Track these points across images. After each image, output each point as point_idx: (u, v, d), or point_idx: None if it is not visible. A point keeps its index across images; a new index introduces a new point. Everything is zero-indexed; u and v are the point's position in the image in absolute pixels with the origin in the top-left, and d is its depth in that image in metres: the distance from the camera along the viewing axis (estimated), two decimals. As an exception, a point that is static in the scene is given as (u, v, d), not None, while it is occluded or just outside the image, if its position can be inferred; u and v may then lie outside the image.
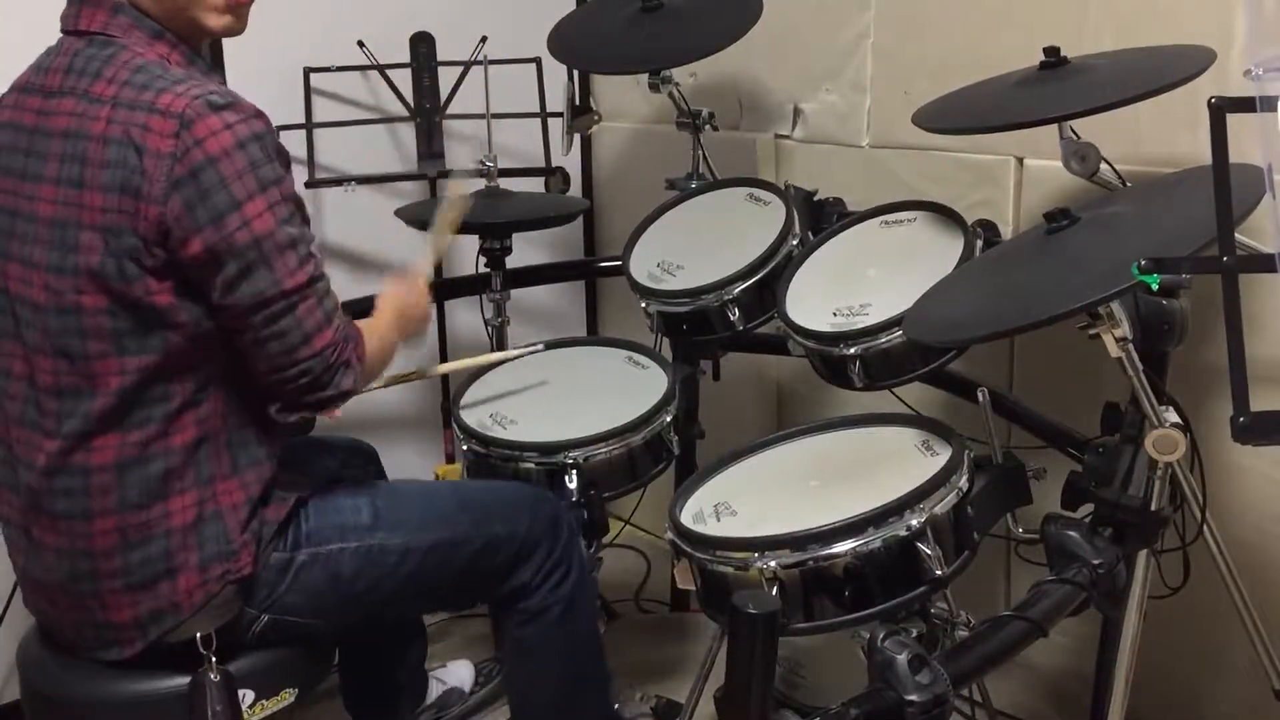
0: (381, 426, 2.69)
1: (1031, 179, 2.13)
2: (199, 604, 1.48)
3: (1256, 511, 1.91)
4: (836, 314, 1.81)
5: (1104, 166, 1.69)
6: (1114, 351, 1.37)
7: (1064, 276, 1.37)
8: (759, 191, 2.15)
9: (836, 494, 1.55)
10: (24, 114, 1.47)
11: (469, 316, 2.71)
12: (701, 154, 2.35)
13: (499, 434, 1.94)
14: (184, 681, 1.48)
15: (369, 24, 2.58)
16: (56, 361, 1.43)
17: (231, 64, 1.61)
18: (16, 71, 1.54)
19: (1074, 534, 1.43)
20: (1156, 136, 1.90)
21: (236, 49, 1.64)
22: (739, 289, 1.95)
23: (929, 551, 1.40)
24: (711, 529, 1.52)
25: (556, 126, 2.60)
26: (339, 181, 2.54)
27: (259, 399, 1.53)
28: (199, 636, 1.48)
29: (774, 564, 1.39)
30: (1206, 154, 1.13)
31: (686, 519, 1.54)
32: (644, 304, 2.07)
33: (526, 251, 2.65)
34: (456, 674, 2.29)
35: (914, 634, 1.37)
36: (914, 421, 1.69)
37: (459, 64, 2.57)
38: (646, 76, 2.27)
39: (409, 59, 2.58)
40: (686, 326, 2.04)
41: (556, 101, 2.56)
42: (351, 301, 1.87)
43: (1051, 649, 2.10)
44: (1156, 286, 1.17)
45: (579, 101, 2.57)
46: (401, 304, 1.73)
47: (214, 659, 1.48)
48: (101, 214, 1.38)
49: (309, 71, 2.53)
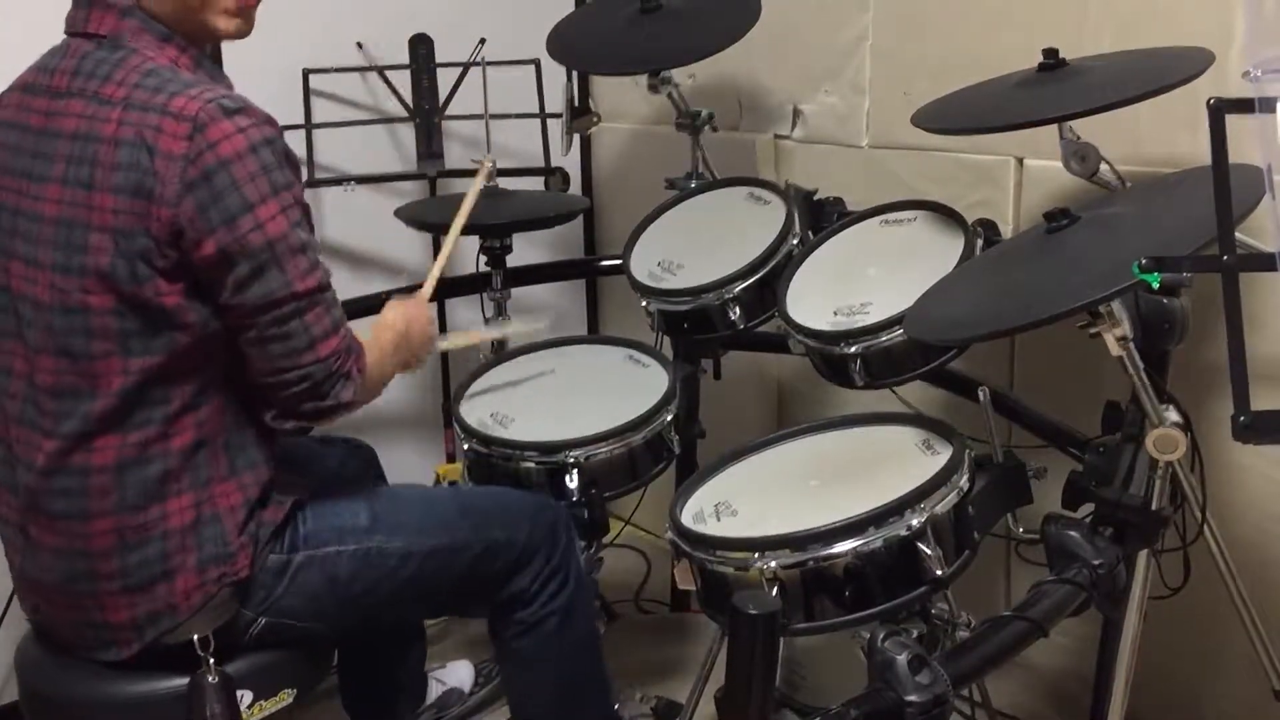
0: (381, 426, 2.69)
1: (1031, 179, 2.13)
2: (196, 606, 1.48)
3: (1256, 511, 1.91)
4: (837, 313, 1.81)
5: (1104, 166, 1.70)
6: (1115, 350, 1.36)
7: (1064, 276, 1.37)
8: (759, 191, 2.15)
9: (837, 494, 1.55)
10: (29, 114, 1.47)
11: (469, 315, 2.71)
12: (701, 154, 2.35)
13: (499, 433, 1.94)
14: (182, 682, 1.48)
15: (368, 25, 2.58)
16: (58, 361, 1.43)
17: (231, 64, 1.61)
18: (17, 71, 1.54)
19: (1074, 534, 1.43)
20: (1156, 136, 1.90)
21: (236, 49, 1.64)
22: (740, 288, 1.95)
23: (929, 551, 1.40)
24: (712, 529, 1.52)
25: (556, 127, 2.60)
26: (339, 181, 2.54)
27: (258, 402, 1.53)
28: (196, 638, 1.48)
29: (774, 564, 1.39)
30: (1206, 154, 1.13)
31: (687, 519, 1.54)
32: (644, 303, 2.07)
33: (527, 251, 2.65)
34: (456, 674, 2.28)
35: (914, 634, 1.36)
36: (914, 421, 1.69)
37: (458, 65, 2.57)
38: (646, 77, 2.27)
39: (408, 60, 2.58)
40: (687, 325, 2.03)
41: (556, 102, 2.56)
42: (350, 300, 1.87)
43: (1051, 649, 2.10)
44: (1157, 285, 1.17)
45: (578, 102, 2.57)
46: (405, 330, 1.69)
47: (212, 660, 1.48)
48: (113, 215, 1.37)
49: (308, 72, 2.53)
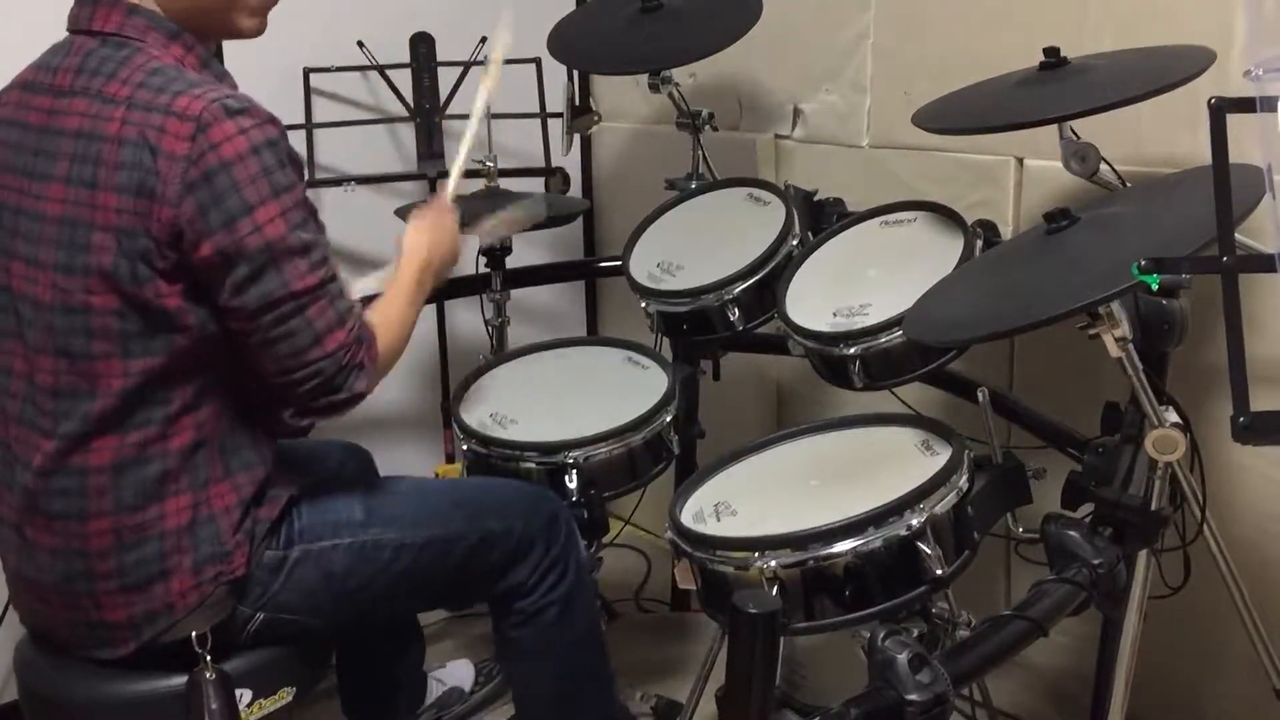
0: (381, 426, 2.69)
1: (1031, 179, 2.13)
2: (193, 605, 1.47)
3: (1256, 511, 1.91)
4: (836, 314, 1.81)
5: (1104, 166, 1.69)
6: (1114, 351, 1.36)
7: (1064, 276, 1.37)
8: (759, 191, 2.15)
9: (836, 494, 1.55)
10: (31, 112, 1.46)
11: (469, 316, 2.71)
12: (701, 154, 2.34)
13: (499, 434, 1.94)
14: (181, 681, 1.47)
15: (369, 24, 2.58)
16: (57, 361, 1.42)
17: (231, 64, 1.60)
18: (16, 70, 1.53)
19: (1074, 534, 1.43)
20: (1156, 136, 1.89)
21: (236, 49, 1.64)
22: (739, 289, 1.95)
23: (929, 551, 1.40)
24: (712, 529, 1.52)
25: (556, 127, 2.60)
26: (339, 181, 2.54)
27: (256, 403, 1.52)
28: (194, 636, 1.48)
29: (774, 564, 1.39)
30: (1206, 154, 1.13)
31: (687, 518, 1.54)
32: (644, 304, 2.07)
33: (526, 251, 2.65)
34: (456, 674, 2.28)
35: (914, 634, 1.36)
36: (914, 421, 1.69)
37: (459, 64, 2.57)
38: (646, 77, 2.27)
39: (409, 59, 2.58)
40: (687, 326, 2.03)
41: (556, 102, 2.56)
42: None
43: (1051, 649, 2.10)
44: (1156, 286, 1.17)
45: (579, 102, 2.57)
46: (429, 258, 1.69)
47: (209, 658, 1.48)
48: (115, 215, 1.37)
49: (309, 71, 2.52)
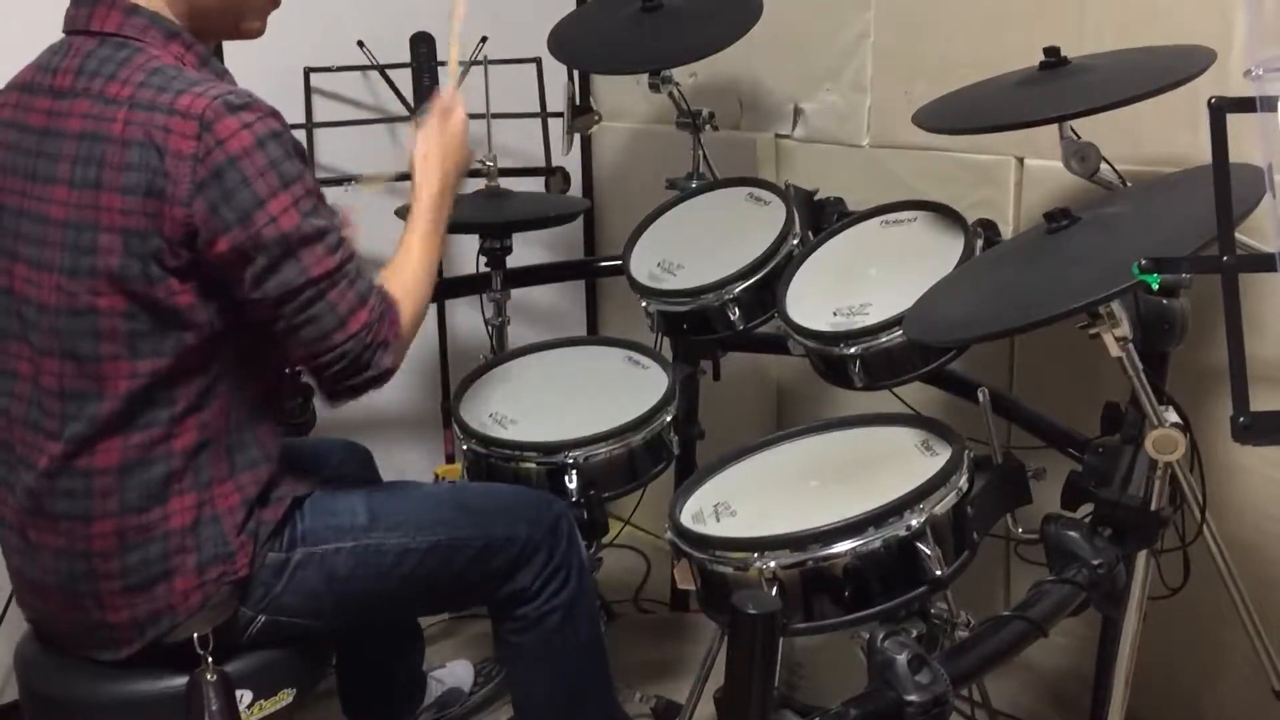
0: (381, 426, 2.69)
1: (1031, 179, 2.13)
2: (195, 606, 1.47)
3: (1256, 511, 1.91)
4: (837, 314, 1.81)
5: (1104, 166, 1.69)
6: (1114, 351, 1.36)
7: (1064, 276, 1.37)
8: (759, 191, 2.15)
9: (836, 494, 1.55)
10: (31, 114, 1.46)
11: (469, 316, 2.71)
12: (701, 154, 2.35)
13: (499, 434, 1.94)
14: (182, 682, 1.48)
15: (369, 24, 2.58)
16: (63, 363, 1.42)
17: (231, 64, 1.60)
18: (15, 71, 1.53)
19: (1074, 534, 1.43)
20: (1156, 136, 1.89)
21: (236, 49, 1.64)
22: (739, 289, 1.95)
23: (929, 551, 1.40)
24: (711, 529, 1.52)
25: (557, 126, 2.60)
26: (339, 181, 2.54)
27: (261, 401, 1.53)
28: (196, 637, 1.48)
29: (774, 564, 1.39)
30: (1206, 154, 1.12)
31: (686, 519, 1.54)
32: (644, 304, 2.06)
33: (526, 251, 2.65)
34: (456, 674, 2.28)
35: (914, 634, 1.36)
36: (914, 421, 1.69)
37: (459, 64, 2.57)
38: (646, 76, 2.27)
39: (409, 59, 2.58)
40: (687, 326, 2.03)
41: (557, 101, 2.56)
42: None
43: (1051, 649, 2.10)
44: (1156, 286, 1.17)
45: (579, 101, 2.57)
46: (440, 177, 1.68)
47: (210, 659, 1.48)
48: (122, 216, 1.37)
49: (309, 71, 2.53)
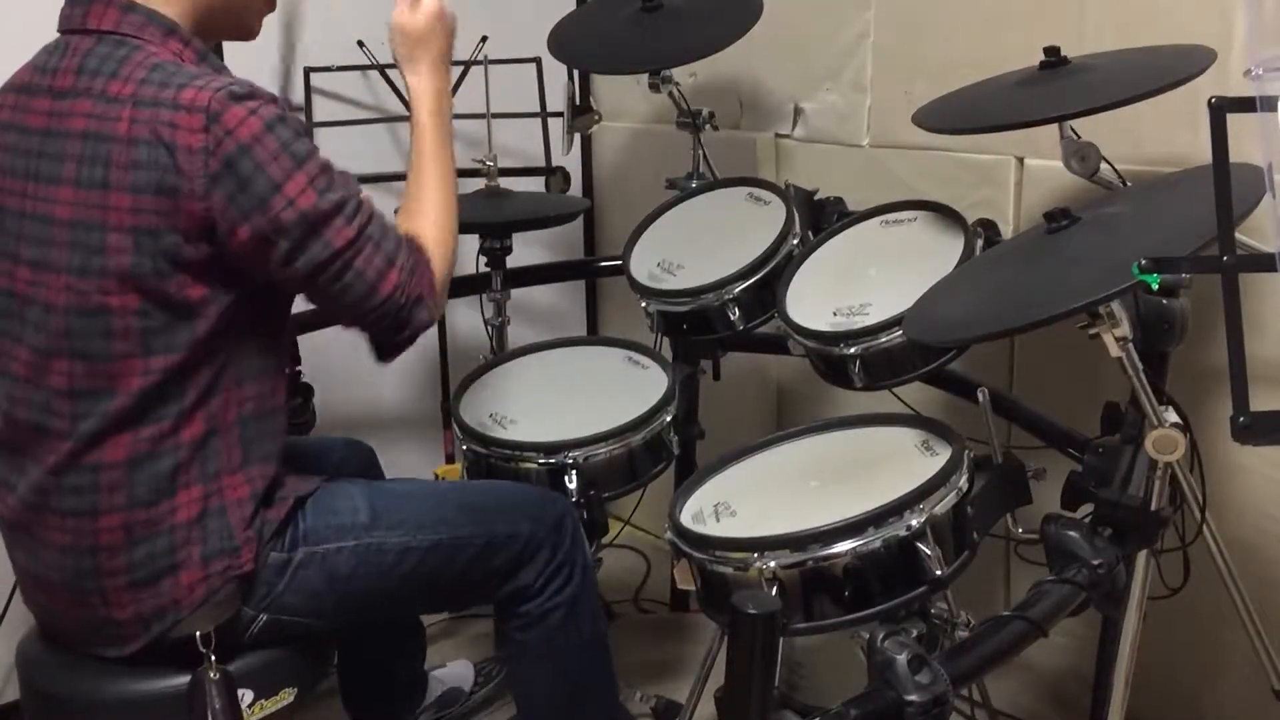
0: (381, 426, 2.69)
1: (1032, 179, 2.13)
2: (200, 599, 1.47)
3: (1256, 511, 1.91)
4: (836, 314, 1.81)
5: (1104, 166, 1.69)
6: (1114, 351, 1.36)
7: (1064, 276, 1.37)
8: (759, 191, 2.15)
9: (836, 494, 1.55)
10: (30, 115, 1.46)
11: (469, 316, 2.71)
12: (701, 154, 2.34)
13: (499, 434, 1.94)
14: (184, 681, 1.47)
15: (369, 24, 2.58)
16: (73, 363, 1.42)
17: (231, 64, 1.61)
18: (12, 71, 1.53)
19: (1074, 534, 1.43)
20: (1156, 136, 1.89)
21: (237, 48, 1.64)
22: (739, 288, 1.95)
23: (929, 551, 1.40)
24: (711, 529, 1.52)
25: (557, 126, 2.60)
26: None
27: (267, 394, 1.52)
28: (198, 635, 1.47)
29: (774, 564, 1.39)
30: (1206, 154, 1.12)
31: (686, 519, 1.54)
32: (644, 304, 2.07)
33: (526, 251, 2.65)
34: (456, 674, 2.28)
35: (914, 634, 1.36)
36: (914, 421, 1.69)
37: (459, 64, 2.57)
38: (646, 76, 2.27)
39: (409, 59, 2.58)
40: (686, 326, 2.03)
41: (557, 101, 2.56)
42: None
43: (1051, 649, 2.10)
44: (1156, 286, 1.17)
45: (579, 101, 2.57)
46: (435, 86, 1.65)
47: (213, 658, 1.47)
48: (132, 215, 1.37)
49: (309, 71, 2.53)
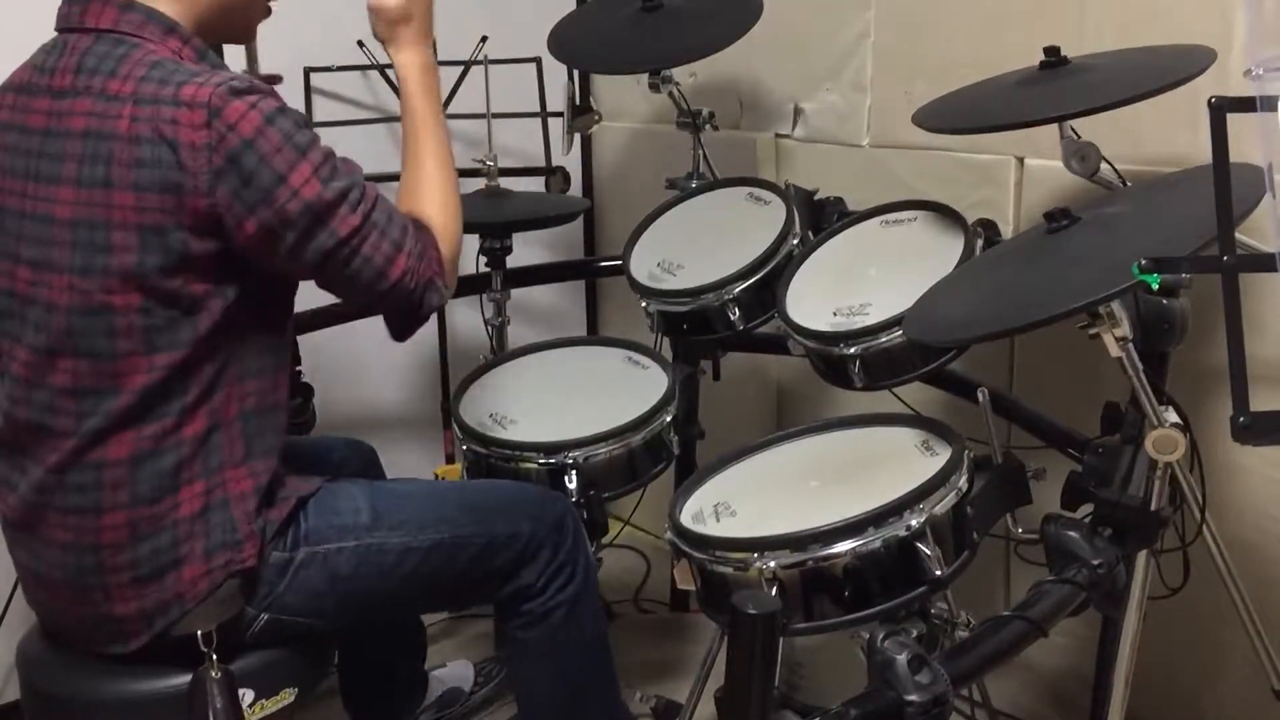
0: (381, 426, 2.69)
1: (1032, 179, 2.13)
2: (202, 594, 1.47)
3: (1256, 511, 1.91)
4: (836, 314, 1.81)
5: (1104, 166, 1.69)
6: (1114, 351, 1.36)
7: (1064, 276, 1.37)
8: (759, 191, 2.15)
9: (836, 494, 1.55)
10: (30, 115, 1.46)
11: (469, 316, 2.71)
12: (701, 154, 2.34)
13: (499, 434, 1.94)
14: (184, 680, 1.47)
15: (369, 24, 2.58)
16: (77, 362, 1.42)
17: (232, 62, 1.61)
18: (10, 70, 1.53)
19: (1074, 534, 1.43)
20: (1156, 136, 1.89)
21: (237, 48, 1.64)
22: (739, 289, 1.95)
23: (929, 551, 1.40)
24: (711, 529, 1.52)
25: (557, 126, 2.60)
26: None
27: (269, 389, 1.52)
28: (200, 634, 1.47)
29: (774, 564, 1.39)
30: (1206, 154, 1.13)
31: (686, 519, 1.54)
32: (644, 304, 2.07)
33: (527, 251, 2.65)
34: (456, 674, 2.29)
35: (914, 634, 1.36)
36: (914, 421, 1.69)
37: (459, 64, 2.57)
38: (646, 76, 2.27)
39: (409, 58, 2.58)
40: (687, 326, 2.03)
41: (557, 101, 2.56)
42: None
43: (1051, 649, 2.10)
44: (1156, 286, 1.17)
45: (579, 101, 2.57)
46: (421, 58, 1.75)
47: (215, 657, 1.47)
48: (136, 213, 1.37)
49: (309, 71, 2.53)
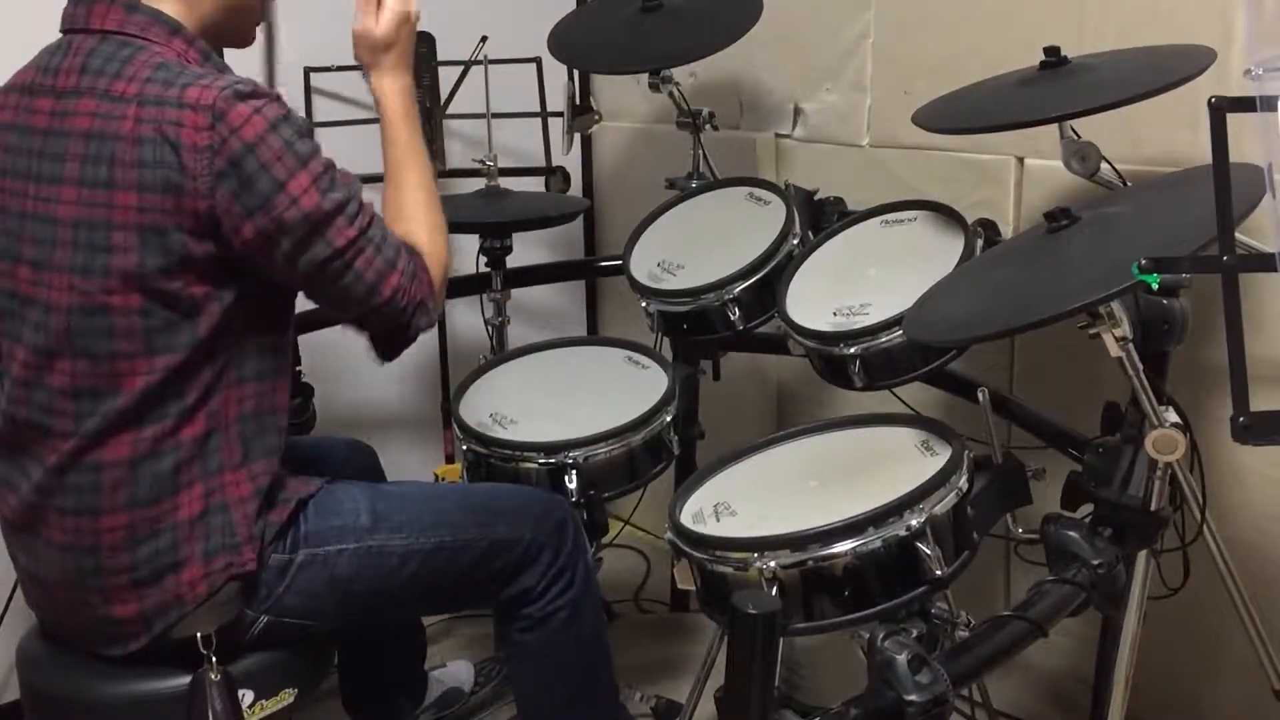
0: (381, 426, 2.69)
1: (1032, 179, 2.13)
2: (201, 597, 1.47)
3: (1256, 511, 1.91)
4: (836, 313, 1.81)
5: (1104, 166, 1.69)
6: (1114, 351, 1.36)
7: (1064, 276, 1.37)
8: (759, 191, 2.15)
9: (836, 494, 1.55)
10: (33, 115, 1.46)
11: (469, 316, 2.71)
12: (701, 154, 2.35)
13: (499, 434, 1.94)
14: (184, 681, 1.47)
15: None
16: (76, 362, 1.42)
17: (232, 62, 1.61)
18: (13, 71, 1.53)
19: (1074, 534, 1.43)
20: (1156, 136, 1.89)
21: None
22: (739, 288, 1.95)
23: (929, 551, 1.40)
24: (711, 529, 1.52)
25: (557, 126, 2.60)
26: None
27: (269, 391, 1.52)
28: (199, 636, 1.47)
29: (774, 564, 1.39)
30: (1206, 154, 1.13)
31: (686, 519, 1.54)
32: (644, 303, 2.06)
33: (527, 251, 2.65)
34: (456, 674, 2.29)
35: (914, 634, 1.36)
36: (914, 421, 1.69)
37: (459, 64, 2.57)
38: (646, 76, 2.27)
39: (409, 58, 2.58)
40: (687, 326, 2.03)
41: (557, 101, 2.56)
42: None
43: (1051, 649, 2.10)
44: (1156, 286, 1.17)
45: (579, 101, 2.57)
46: (402, 77, 1.75)
47: (214, 659, 1.47)
48: (138, 213, 1.37)
49: (309, 71, 2.52)
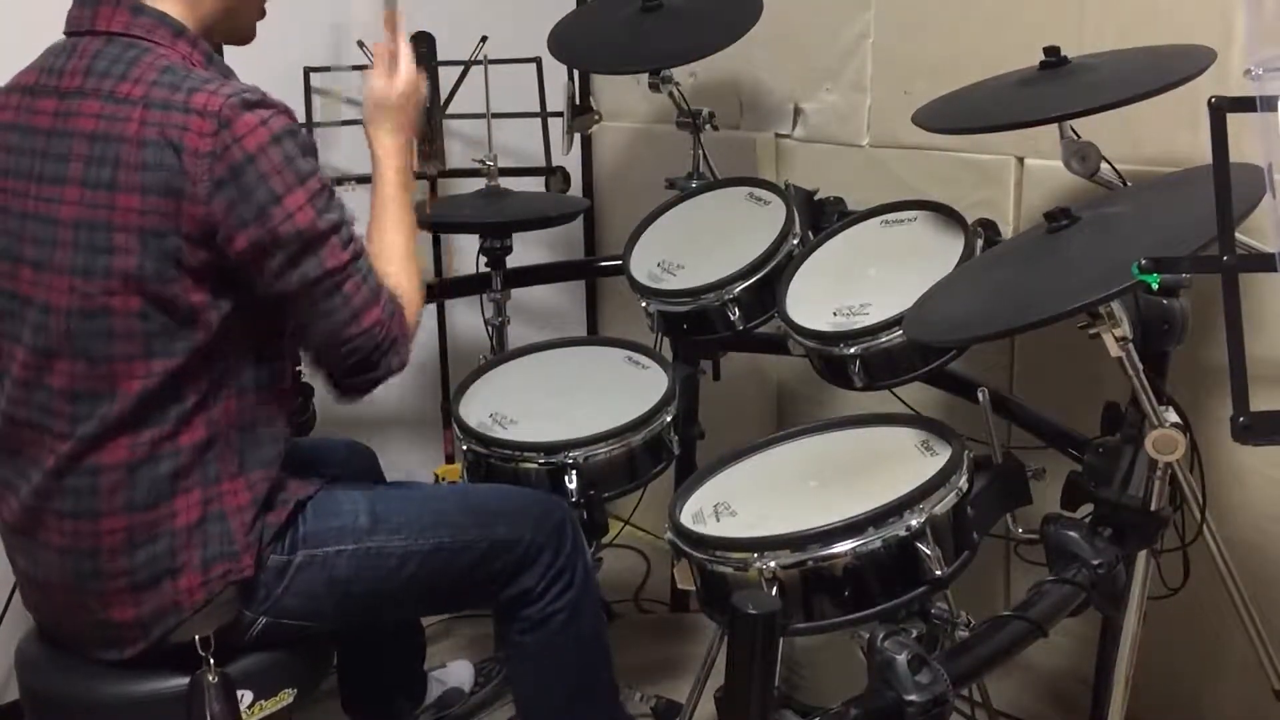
0: (381, 426, 2.69)
1: (1032, 179, 2.13)
2: (200, 603, 1.47)
3: (1256, 511, 1.91)
4: (836, 313, 1.81)
5: (1104, 166, 1.69)
6: (1114, 351, 1.36)
7: (1064, 276, 1.37)
8: (759, 191, 2.15)
9: (836, 494, 1.55)
10: (36, 116, 1.46)
11: (469, 316, 2.71)
12: (701, 153, 2.35)
13: (499, 434, 1.94)
14: (182, 682, 1.48)
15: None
16: (75, 364, 1.42)
17: (232, 62, 1.61)
18: (14, 71, 1.53)
19: (1074, 534, 1.43)
20: (1156, 136, 1.89)
21: (236, 48, 1.64)
22: (739, 288, 1.95)
23: (929, 551, 1.40)
24: (711, 529, 1.52)
25: (557, 126, 2.60)
26: (339, 181, 2.54)
27: (269, 399, 1.52)
28: (197, 638, 1.47)
29: (774, 564, 1.39)
30: (1206, 154, 1.13)
31: (686, 519, 1.54)
32: (644, 303, 2.06)
33: (527, 251, 2.65)
34: (456, 674, 2.28)
35: (914, 634, 1.36)
36: (914, 421, 1.69)
37: (459, 64, 2.57)
38: (646, 76, 2.27)
39: (409, 58, 2.58)
40: (687, 326, 2.03)
41: (557, 101, 2.56)
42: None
43: (1051, 649, 2.10)
44: (1156, 286, 1.17)
45: (579, 101, 2.57)
46: (400, 156, 1.70)
47: (212, 660, 1.48)
48: (139, 216, 1.37)
49: (309, 71, 2.52)
